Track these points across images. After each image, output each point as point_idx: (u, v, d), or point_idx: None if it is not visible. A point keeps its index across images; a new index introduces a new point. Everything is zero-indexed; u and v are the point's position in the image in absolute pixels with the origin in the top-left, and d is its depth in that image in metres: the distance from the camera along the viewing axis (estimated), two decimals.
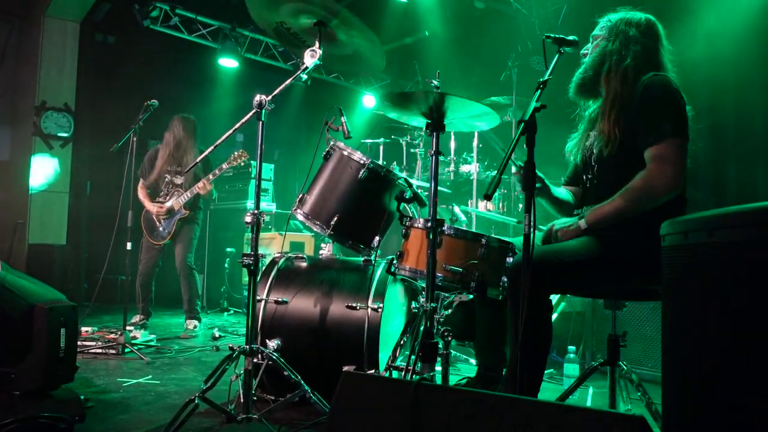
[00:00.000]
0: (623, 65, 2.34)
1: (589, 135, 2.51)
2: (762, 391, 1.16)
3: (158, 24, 6.85)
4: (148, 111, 4.21)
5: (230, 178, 7.16)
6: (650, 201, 2.18)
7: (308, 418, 2.53)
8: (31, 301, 2.47)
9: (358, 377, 1.70)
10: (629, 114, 2.29)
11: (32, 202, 6.62)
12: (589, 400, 3.15)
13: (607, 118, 2.34)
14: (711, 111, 4.38)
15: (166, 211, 4.96)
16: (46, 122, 6.69)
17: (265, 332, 2.80)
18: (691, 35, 4.31)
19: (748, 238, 1.20)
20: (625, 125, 2.29)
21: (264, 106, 2.52)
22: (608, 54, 2.38)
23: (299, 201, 2.90)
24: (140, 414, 2.65)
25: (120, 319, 4.23)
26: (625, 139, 2.28)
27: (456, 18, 6.82)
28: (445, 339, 2.44)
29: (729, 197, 4.42)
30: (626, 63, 2.33)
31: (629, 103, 2.30)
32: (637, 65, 2.33)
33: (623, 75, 2.34)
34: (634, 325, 3.68)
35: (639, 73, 2.33)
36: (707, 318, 1.30)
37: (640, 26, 2.39)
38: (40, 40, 6.68)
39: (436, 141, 2.38)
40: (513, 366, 1.80)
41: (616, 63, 2.36)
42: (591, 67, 2.43)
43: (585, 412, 1.31)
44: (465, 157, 5.25)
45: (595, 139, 2.42)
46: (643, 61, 2.34)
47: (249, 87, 7.83)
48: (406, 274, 2.52)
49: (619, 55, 2.36)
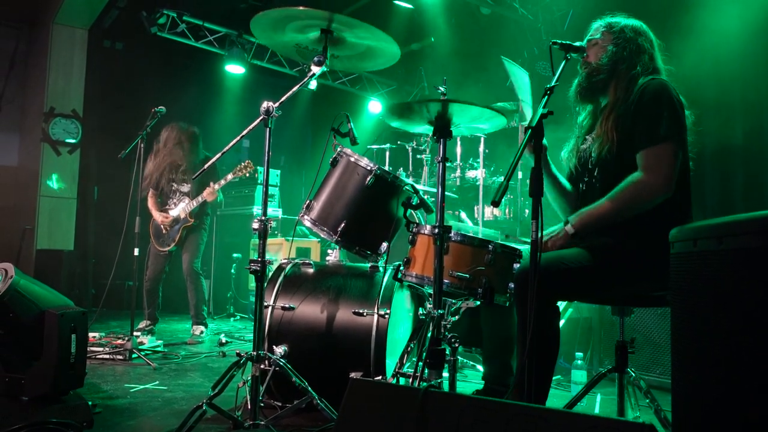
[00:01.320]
0: (632, 73, 2.36)
1: (585, 139, 2.51)
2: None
3: (165, 31, 6.89)
4: (156, 117, 4.24)
5: (237, 184, 7.17)
6: (638, 205, 2.18)
7: (315, 424, 2.53)
8: (42, 306, 2.48)
9: (366, 384, 1.70)
10: (627, 118, 2.29)
11: (40, 207, 6.66)
12: (597, 407, 3.13)
13: (606, 120, 2.35)
14: (718, 114, 4.36)
15: (172, 221, 4.98)
16: (54, 128, 6.74)
17: (272, 338, 2.80)
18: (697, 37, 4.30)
19: (758, 245, 1.20)
20: (623, 129, 2.30)
21: (271, 112, 2.52)
22: (620, 60, 2.39)
23: (306, 207, 2.90)
24: (148, 420, 2.66)
25: (127, 324, 4.24)
26: (623, 142, 2.29)
27: (462, 24, 6.83)
28: (452, 345, 2.43)
29: (737, 204, 4.39)
30: (635, 71, 2.35)
31: (628, 107, 2.31)
32: (643, 72, 2.35)
33: (628, 82, 2.36)
34: (642, 332, 3.66)
35: (641, 78, 2.34)
36: (717, 325, 1.29)
37: (641, 34, 2.41)
38: (49, 47, 6.75)
39: (443, 147, 2.38)
40: (521, 373, 1.79)
41: (626, 70, 2.37)
42: (603, 71, 2.42)
43: (593, 419, 1.31)
44: (471, 163, 5.25)
45: (593, 142, 2.42)
46: (648, 69, 2.37)
47: (255, 93, 7.89)
48: (413, 281, 2.52)
49: (629, 63, 2.37)
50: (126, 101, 7.23)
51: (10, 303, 2.41)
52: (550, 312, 2.16)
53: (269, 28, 2.66)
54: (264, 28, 2.66)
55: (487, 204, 5.02)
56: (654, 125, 2.20)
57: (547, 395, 2.14)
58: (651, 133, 2.20)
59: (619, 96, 2.36)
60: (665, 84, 2.28)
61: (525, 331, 2.07)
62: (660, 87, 2.26)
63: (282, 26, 2.61)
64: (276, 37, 2.72)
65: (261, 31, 2.69)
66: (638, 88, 2.30)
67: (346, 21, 2.52)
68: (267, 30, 2.67)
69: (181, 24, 6.95)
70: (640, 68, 2.35)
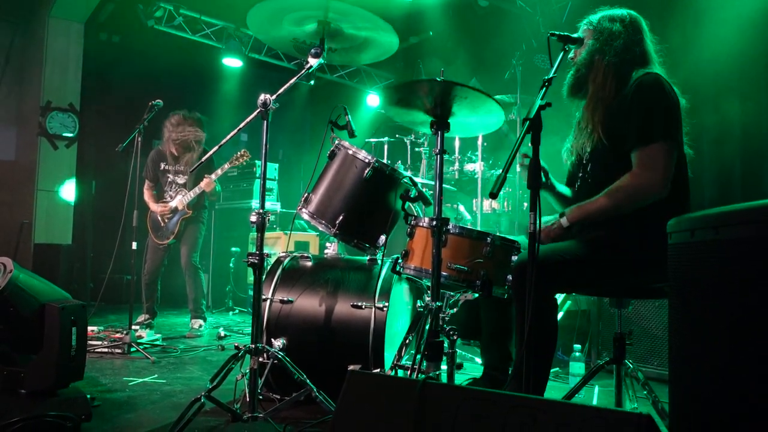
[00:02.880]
0: (605, 61, 2.35)
1: (578, 136, 2.51)
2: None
3: (162, 24, 6.87)
4: (153, 111, 4.22)
5: (235, 178, 7.17)
6: (633, 204, 2.19)
7: (314, 417, 2.53)
8: (41, 300, 2.49)
9: (364, 376, 1.70)
10: (613, 111, 2.29)
11: (38, 201, 6.64)
12: (595, 398, 3.14)
13: (592, 115, 2.35)
14: (715, 106, 4.36)
15: (170, 211, 4.98)
16: (51, 122, 6.72)
17: (271, 331, 2.81)
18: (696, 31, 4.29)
19: (755, 235, 1.20)
20: (614, 124, 2.28)
21: (269, 105, 2.52)
22: (594, 52, 2.38)
23: (304, 200, 2.90)
24: (146, 413, 2.66)
25: (125, 318, 4.24)
26: (615, 137, 2.28)
27: (460, 17, 6.80)
28: (451, 338, 2.44)
29: (734, 194, 4.40)
30: (608, 58, 2.34)
31: (612, 99, 2.30)
32: (622, 61, 2.34)
33: (605, 71, 2.35)
34: (640, 324, 3.67)
35: (623, 67, 2.33)
36: (714, 315, 1.29)
37: (623, 21, 2.39)
38: (45, 40, 6.71)
39: (441, 139, 2.37)
40: (519, 365, 1.80)
41: (599, 60, 2.37)
42: (581, 66, 2.44)
43: (591, 410, 1.31)
44: (470, 156, 5.25)
45: (585, 137, 2.42)
46: (626, 56, 2.34)
47: (253, 86, 7.86)
48: (412, 273, 2.52)
49: (601, 53, 2.37)
50: (123, 95, 7.21)
51: (10, 297, 2.41)
52: (548, 304, 2.16)
53: (266, 22, 2.64)
54: (260, 22, 2.65)
55: (486, 197, 5.02)
56: (648, 124, 2.19)
57: (545, 387, 2.15)
58: (645, 131, 2.19)
59: (598, 86, 2.35)
60: (659, 78, 2.27)
61: (522, 323, 2.08)
62: (654, 82, 2.25)
63: (278, 20, 2.60)
64: (273, 31, 2.71)
65: (257, 26, 2.68)
66: (633, 82, 2.29)
67: (342, 9, 2.51)
68: (264, 24, 2.66)
69: (178, 17, 6.92)
70: (613, 55, 2.33)
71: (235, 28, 7.22)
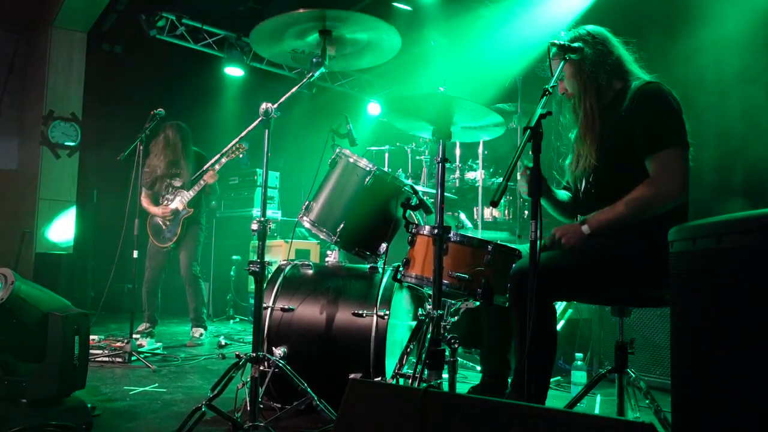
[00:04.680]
0: (586, 76, 2.35)
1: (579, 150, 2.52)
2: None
3: (164, 34, 6.89)
4: (155, 120, 4.24)
5: (236, 186, 7.18)
6: (654, 210, 2.18)
7: (315, 425, 2.52)
8: (44, 309, 2.49)
9: (365, 385, 1.70)
10: (621, 123, 2.29)
11: (39, 211, 6.65)
12: (596, 407, 3.13)
13: (591, 129, 2.36)
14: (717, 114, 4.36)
15: (171, 213, 4.98)
16: (53, 131, 6.74)
17: (272, 340, 2.80)
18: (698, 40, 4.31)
19: (757, 244, 1.20)
20: (616, 134, 2.29)
21: (270, 114, 2.53)
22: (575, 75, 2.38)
23: (305, 208, 2.90)
24: (147, 422, 2.65)
25: (126, 327, 4.24)
26: (618, 147, 2.29)
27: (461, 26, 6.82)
28: (452, 346, 2.43)
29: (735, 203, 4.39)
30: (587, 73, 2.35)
31: (621, 113, 2.30)
32: (599, 73, 2.35)
33: (587, 87, 2.36)
34: (642, 332, 3.66)
35: (603, 78, 2.34)
36: (717, 324, 1.29)
37: (585, 40, 2.37)
38: (48, 50, 6.75)
39: (442, 148, 2.38)
40: (520, 373, 1.79)
41: (581, 80, 2.37)
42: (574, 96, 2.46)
43: (593, 419, 1.31)
44: (470, 164, 5.25)
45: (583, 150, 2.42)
46: (601, 71, 2.35)
47: (254, 95, 7.88)
48: (413, 281, 2.52)
49: (581, 72, 2.36)
50: (125, 104, 7.24)
51: (13, 309, 2.42)
52: (547, 311, 2.15)
53: (268, 38, 2.64)
54: (264, 39, 2.65)
55: (487, 205, 5.02)
56: (662, 130, 2.20)
57: (545, 395, 2.14)
58: (657, 138, 2.19)
59: (589, 105, 2.36)
60: (661, 86, 2.28)
61: (521, 331, 2.08)
62: (657, 90, 2.26)
63: (280, 34, 2.60)
64: (276, 47, 2.71)
65: (261, 43, 2.69)
66: (633, 92, 2.29)
67: (340, 15, 2.51)
68: (266, 40, 2.66)
69: (180, 27, 6.95)
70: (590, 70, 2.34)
71: (237, 37, 7.25)
